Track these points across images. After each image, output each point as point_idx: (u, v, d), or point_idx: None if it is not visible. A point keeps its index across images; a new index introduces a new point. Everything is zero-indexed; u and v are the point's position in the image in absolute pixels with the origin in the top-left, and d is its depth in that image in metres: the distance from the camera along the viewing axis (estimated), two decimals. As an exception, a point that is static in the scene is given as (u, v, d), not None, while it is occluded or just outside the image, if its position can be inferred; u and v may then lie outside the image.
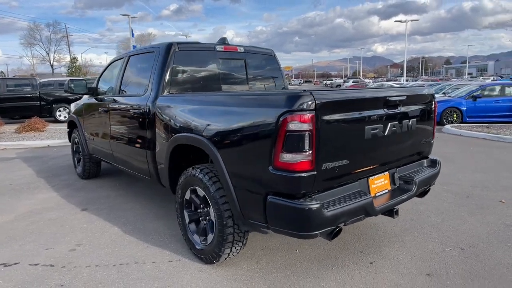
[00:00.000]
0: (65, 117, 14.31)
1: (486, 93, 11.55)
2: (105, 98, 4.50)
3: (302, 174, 2.14)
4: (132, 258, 3.07)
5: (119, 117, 4.11)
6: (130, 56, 4.20)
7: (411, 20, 31.50)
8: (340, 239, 3.32)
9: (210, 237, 2.84)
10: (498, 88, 11.75)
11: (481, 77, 47.35)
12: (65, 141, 9.37)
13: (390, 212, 2.71)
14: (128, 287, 2.65)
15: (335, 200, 2.31)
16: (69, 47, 53.98)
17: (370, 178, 2.64)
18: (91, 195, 4.87)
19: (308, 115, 2.09)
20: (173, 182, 3.25)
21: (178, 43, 3.54)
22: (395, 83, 32.16)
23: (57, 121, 13.79)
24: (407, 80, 37.84)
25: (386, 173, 2.79)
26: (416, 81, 37.99)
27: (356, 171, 2.49)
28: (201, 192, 2.86)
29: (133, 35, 31.21)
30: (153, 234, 3.55)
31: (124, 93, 4.16)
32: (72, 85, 4.72)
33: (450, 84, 15.91)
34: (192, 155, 3.20)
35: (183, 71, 3.59)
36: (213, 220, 2.75)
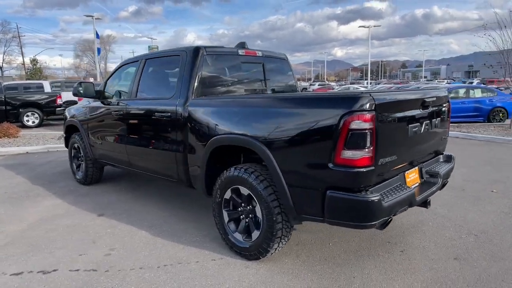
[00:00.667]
0: (33, 122, 13.58)
1: (452, 95, 12.45)
2: (118, 102, 4.43)
3: (363, 169, 2.32)
4: (173, 259, 3.10)
5: (140, 121, 4.08)
6: (146, 59, 4.19)
7: (374, 26, 33.11)
8: (364, 232, 3.54)
9: (255, 234, 2.94)
10: (463, 90, 12.74)
11: (436, 80, 50.51)
12: (44, 147, 8.97)
13: (424, 202, 2.97)
14: (182, 286, 2.69)
15: (386, 193, 2.52)
16: (21, 48, 50.29)
17: (406, 172, 2.88)
18: (100, 200, 4.77)
19: (368, 115, 2.28)
20: (209, 183, 3.32)
21: (205, 47, 3.61)
22: (361, 86, 33.54)
23: (24, 127, 13.03)
24: (370, 83, 39.55)
25: (416, 167, 3.04)
26: (378, 84, 39.81)
27: (399, 166, 2.72)
28: (245, 191, 2.95)
29: (97, 36, 30.03)
30: (184, 235, 3.58)
31: (143, 97, 4.14)
32: (81, 88, 4.62)
33: (418, 87, 16.92)
34: (226, 157, 3.28)
35: (211, 74, 3.66)
36: (260, 217, 2.86)
